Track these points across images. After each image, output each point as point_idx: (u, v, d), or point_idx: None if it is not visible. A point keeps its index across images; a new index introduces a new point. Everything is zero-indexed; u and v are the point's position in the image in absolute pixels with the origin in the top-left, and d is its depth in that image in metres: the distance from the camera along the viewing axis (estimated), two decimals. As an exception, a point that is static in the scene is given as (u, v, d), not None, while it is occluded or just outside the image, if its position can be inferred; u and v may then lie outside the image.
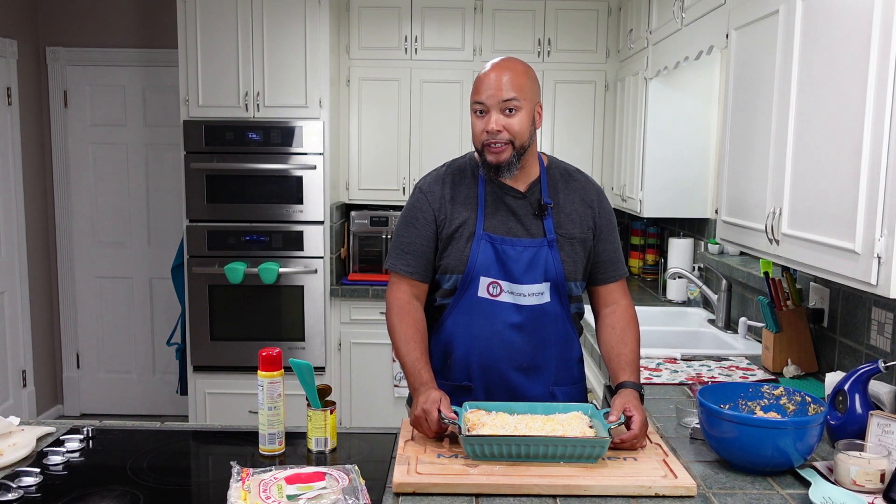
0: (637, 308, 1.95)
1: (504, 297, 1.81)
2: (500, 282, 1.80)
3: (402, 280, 1.86)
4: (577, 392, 1.93)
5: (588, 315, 2.03)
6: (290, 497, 1.33)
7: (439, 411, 1.59)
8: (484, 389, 1.85)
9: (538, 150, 1.88)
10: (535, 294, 1.81)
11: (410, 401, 1.78)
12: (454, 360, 1.85)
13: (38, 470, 1.48)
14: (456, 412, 1.60)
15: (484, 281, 1.80)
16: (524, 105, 1.73)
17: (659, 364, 2.36)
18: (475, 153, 1.88)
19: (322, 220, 3.84)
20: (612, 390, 1.78)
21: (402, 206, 2.64)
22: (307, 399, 1.64)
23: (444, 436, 1.62)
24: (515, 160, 1.76)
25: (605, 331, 1.88)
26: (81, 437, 1.66)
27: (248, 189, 3.81)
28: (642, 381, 2.13)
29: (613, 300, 1.91)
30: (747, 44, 2.12)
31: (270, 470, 1.45)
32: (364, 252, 4.15)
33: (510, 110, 1.72)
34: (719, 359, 2.43)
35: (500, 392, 1.85)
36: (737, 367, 2.32)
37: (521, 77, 1.74)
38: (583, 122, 4.19)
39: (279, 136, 3.79)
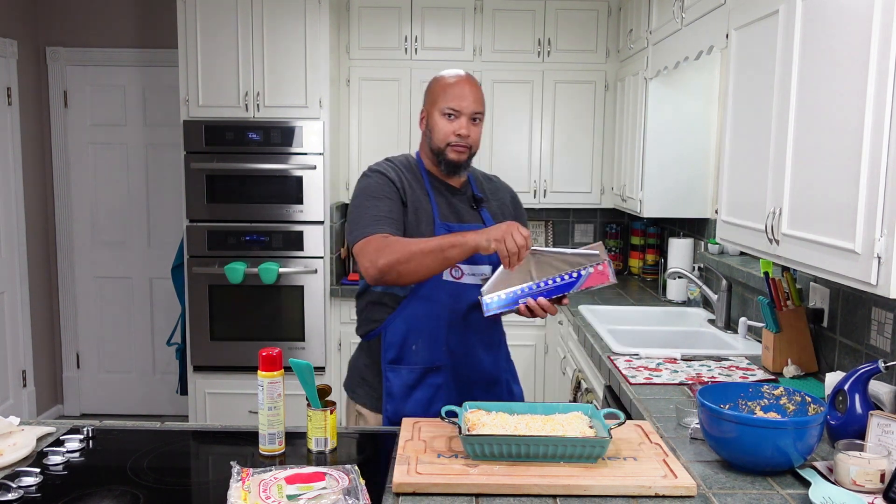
0: (637, 308, 1.97)
1: (466, 279, 1.93)
2: (461, 265, 1.91)
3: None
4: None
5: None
6: (290, 497, 1.33)
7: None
8: (452, 369, 1.94)
9: None
10: (487, 274, 1.94)
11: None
12: (422, 343, 1.92)
13: (38, 470, 1.48)
14: (456, 412, 1.61)
15: None
16: (483, 118, 1.96)
17: (659, 364, 2.36)
18: (419, 154, 2.01)
19: (322, 220, 3.84)
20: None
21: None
22: (307, 399, 1.64)
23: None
24: (468, 162, 1.98)
25: None
26: (81, 437, 1.66)
27: (248, 189, 3.81)
28: (642, 381, 2.14)
29: None
30: (747, 44, 2.12)
31: (270, 470, 1.45)
32: (364, 252, 4.15)
33: (475, 120, 1.92)
34: (719, 359, 2.43)
35: (467, 370, 1.95)
36: (737, 367, 2.32)
37: (482, 93, 1.96)
38: (583, 123, 4.19)
39: (279, 136, 3.79)
